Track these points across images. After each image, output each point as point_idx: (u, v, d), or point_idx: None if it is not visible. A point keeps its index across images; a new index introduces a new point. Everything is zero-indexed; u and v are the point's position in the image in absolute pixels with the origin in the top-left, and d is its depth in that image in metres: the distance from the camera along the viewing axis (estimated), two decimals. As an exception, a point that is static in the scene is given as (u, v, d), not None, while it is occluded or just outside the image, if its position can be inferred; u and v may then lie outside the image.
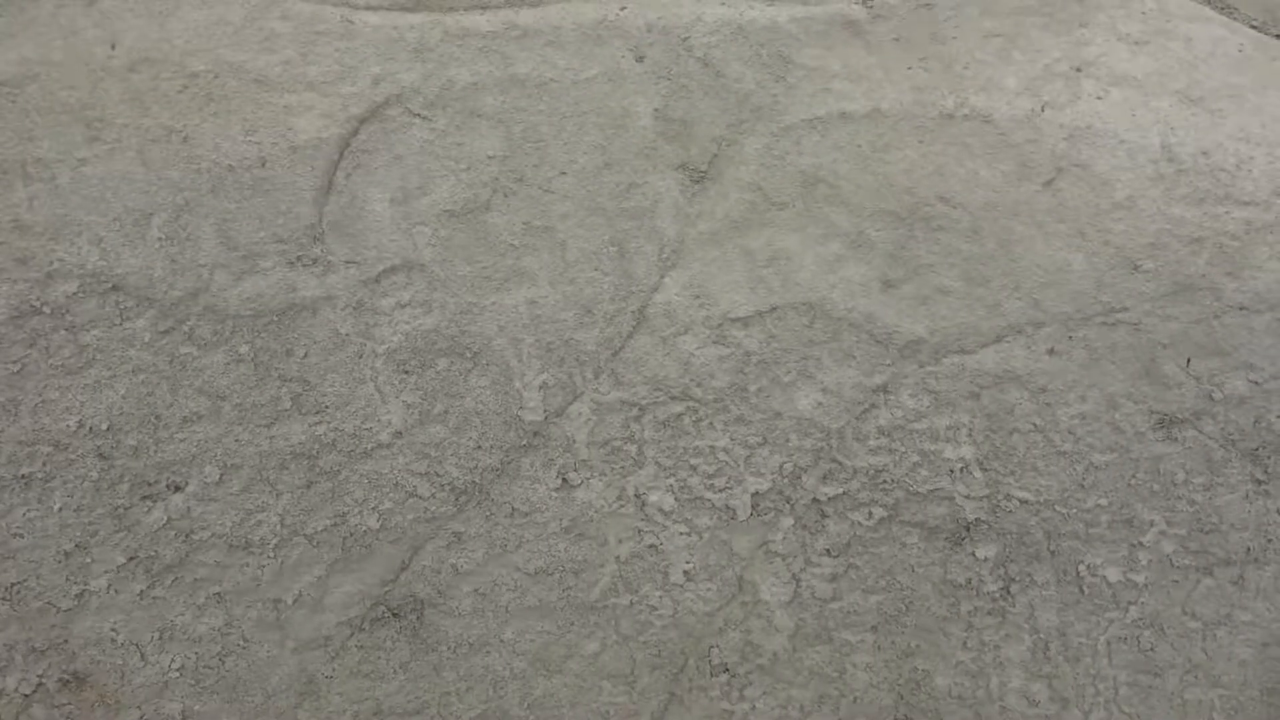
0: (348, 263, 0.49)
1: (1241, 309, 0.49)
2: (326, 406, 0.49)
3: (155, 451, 0.48)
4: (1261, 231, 0.49)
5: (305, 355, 0.49)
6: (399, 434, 0.50)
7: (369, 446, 0.50)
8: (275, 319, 0.49)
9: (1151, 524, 0.52)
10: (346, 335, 0.49)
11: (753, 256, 0.51)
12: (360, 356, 0.50)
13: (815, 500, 0.52)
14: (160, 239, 0.48)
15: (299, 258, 0.49)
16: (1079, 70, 0.53)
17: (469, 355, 0.50)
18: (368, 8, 0.51)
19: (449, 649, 0.52)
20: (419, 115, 0.50)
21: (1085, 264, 0.49)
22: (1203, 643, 0.53)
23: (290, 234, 0.49)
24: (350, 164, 0.49)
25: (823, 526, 0.52)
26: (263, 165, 0.48)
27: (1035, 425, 0.51)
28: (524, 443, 0.51)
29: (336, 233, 0.49)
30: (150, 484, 0.48)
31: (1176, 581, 0.52)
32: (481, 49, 0.51)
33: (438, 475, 0.51)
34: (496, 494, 0.51)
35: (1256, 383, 0.50)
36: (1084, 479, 0.51)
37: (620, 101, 0.51)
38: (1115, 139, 0.50)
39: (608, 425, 0.51)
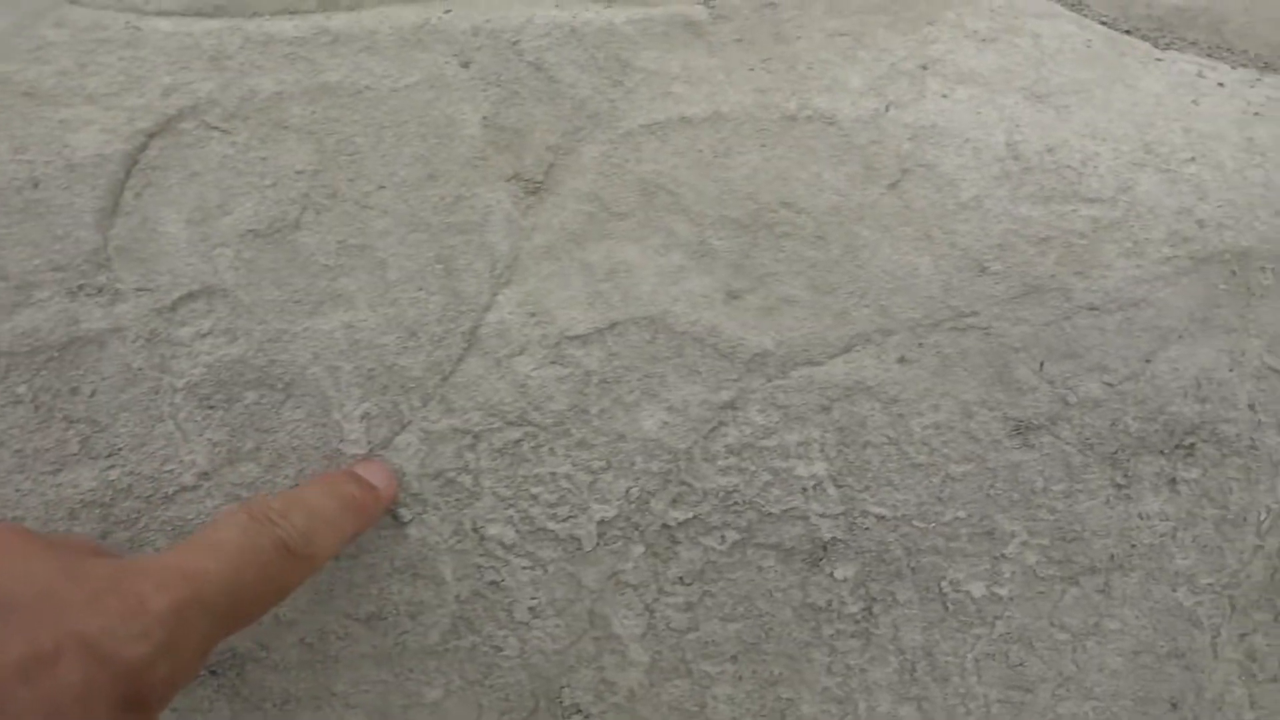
0: (139, 290, 0.45)
1: (1092, 309, 0.48)
2: (120, 449, 0.45)
3: (-76, 506, 0.44)
4: (1109, 229, 0.48)
5: (93, 393, 0.45)
6: (205, 475, 0.46)
7: (171, 490, 0.46)
8: (56, 355, 0.44)
9: (1013, 535, 0.50)
10: (140, 369, 0.45)
11: (591, 270, 0.48)
12: (157, 392, 0.45)
13: (665, 526, 0.49)
14: (-81, 271, 0.43)
15: (81, 286, 0.44)
16: (925, 69, 0.51)
17: (280, 386, 0.46)
18: (158, 13, 0.47)
19: (275, 705, 0.48)
20: (217, 128, 0.46)
21: (932, 267, 0.47)
22: (1073, 654, 0.51)
23: (70, 261, 0.44)
24: (139, 182, 0.45)
25: (674, 553, 0.49)
26: (35, 186, 0.44)
27: (888, 437, 0.48)
28: (348, 478, 0.47)
29: (125, 258, 0.45)
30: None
31: (1042, 593, 0.51)
32: (288, 56, 0.47)
33: (252, 518, 0.46)
34: (319, 535, 0.47)
35: (1110, 384, 0.48)
36: (941, 491, 0.49)
37: (445, 110, 0.48)
38: (960, 138, 0.49)
39: (439, 455, 0.48)
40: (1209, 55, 0.58)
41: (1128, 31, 0.58)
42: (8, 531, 0.30)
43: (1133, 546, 0.51)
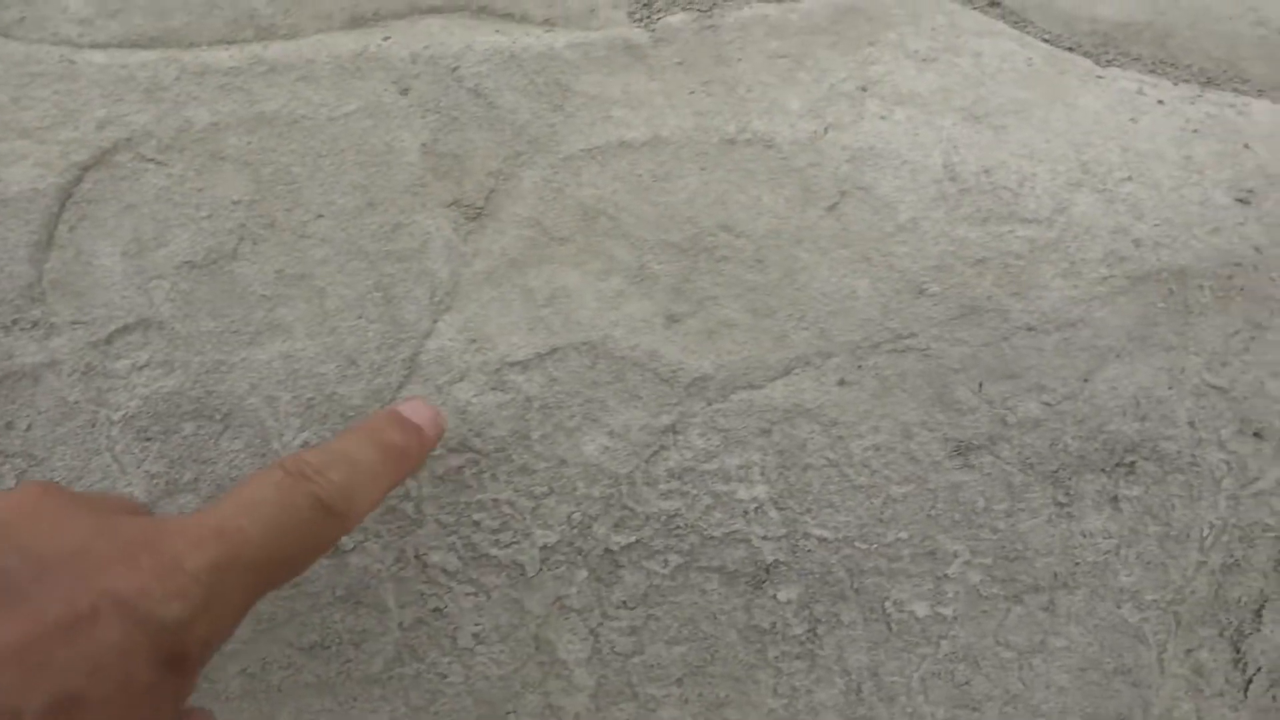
0: (74, 324, 0.45)
1: (1030, 329, 0.48)
2: (57, 482, 0.45)
3: None
4: (1045, 250, 0.48)
5: (29, 428, 0.45)
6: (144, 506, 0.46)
7: (110, 523, 0.46)
8: (-10, 390, 0.45)
9: (955, 554, 0.50)
10: (76, 403, 0.45)
11: (532, 295, 0.48)
12: (94, 425, 0.45)
13: (608, 550, 0.49)
14: None
15: (15, 321, 0.44)
16: (864, 90, 0.51)
17: (219, 417, 0.46)
18: (92, 46, 0.47)
19: (218, 736, 0.48)
20: (153, 160, 0.46)
21: (871, 290, 0.48)
22: (1019, 672, 0.52)
23: (4, 295, 0.44)
24: (74, 216, 0.45)
25: (618, 577, 0.49)
26: (-33, 222, 0.44)
27: (829, 459, 0.49)
28: (288, 507, 0.47)
29: (60, 291, 0.45)
30: None
31: (986, 612, 0.51)
32: (223, 87, 0.47)
33: (192, 549, 0.46)
34: (260, 565, 0.47)
35: (1049, 404, 0.48)
36: (882, 513, 0.49)
37: (383, 137, 0.48)
38: (898, 159, 0.49)
39: (381, 483, 0.48)
40: (1152, 71, 0.58)
41: (1070, 49, 0.58)
42: (40, 491, 0.29)
43: (1076, 564, 0.51)
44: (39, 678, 0.23)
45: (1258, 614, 0.53)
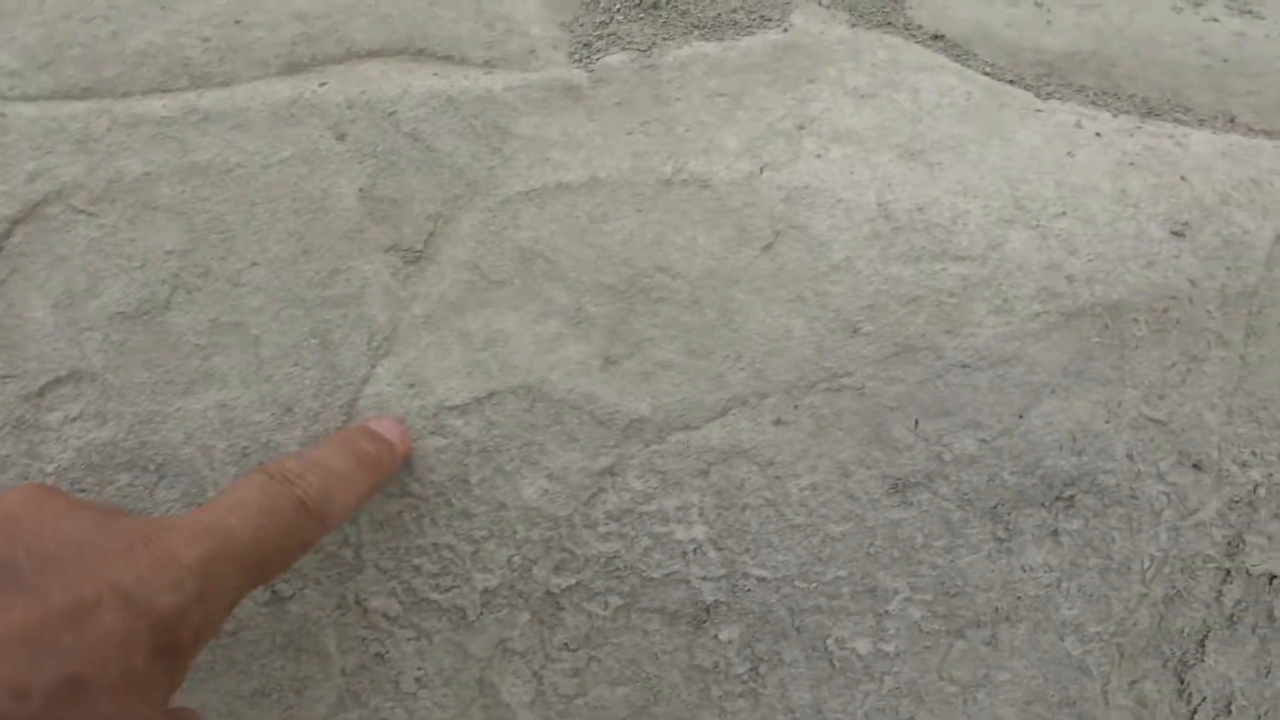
0: (4, 377, 0.45)
1: (964, 367, 0.48)
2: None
3: None
4: (978, 287, 0.48)
5: (-40, 482, 0.45)
6: (79, 559, 0.46)
7: (44, 575, 0.46)
8: (-79, 446, 0.45)
9: (896, 591, 0.50)
10: (7, 456, 0.45)
11: (470, 339, 0.48)
12: (26, 478, 0.45)
13: (549, 593, 0.49)
14: None
15: (-55, 377, 0.45)
16: (801, 128, 0.52)
17: (153, 468, 0.46)
18: (23, 98, 0.47)
19: (159, 785, 0.48)
20: (84, 211, 0.46)
21: (806, 329, 0.48)
22: (963, 706, 0.52)
23: (-67, 351, 0.45)
24: (4, 269, 0.45)
25: (560, 619, 0.50)
26: (-106, 279, 0.44)
27: (767, 499, 0.49)
28: (226, 556, 0.47)
29: (-10, 346, 0.45)
30: None
31: (928, 647, 0.51)
32: (156, 137, 0.47)
33: (129, 599, 0.46)
34: (199, 614, 0.47)
35: (985, 440, 0.49)
36: (821, 551, 0.49)
37: (319, 184, 0.48)
38: (833, 198, 0.49)
39: (319, 530, 0.48)
40: (1093, 103, 0.58)
41: (1011, 81, 0.58)
42: (42, 491, 0.31)
43: (1018, 598, 0.51)
44: (46, 659, 0.25)
45: (1201, 644, 0.53)
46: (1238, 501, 0.52)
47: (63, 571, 0.26)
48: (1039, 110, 0.56)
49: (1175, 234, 0.51)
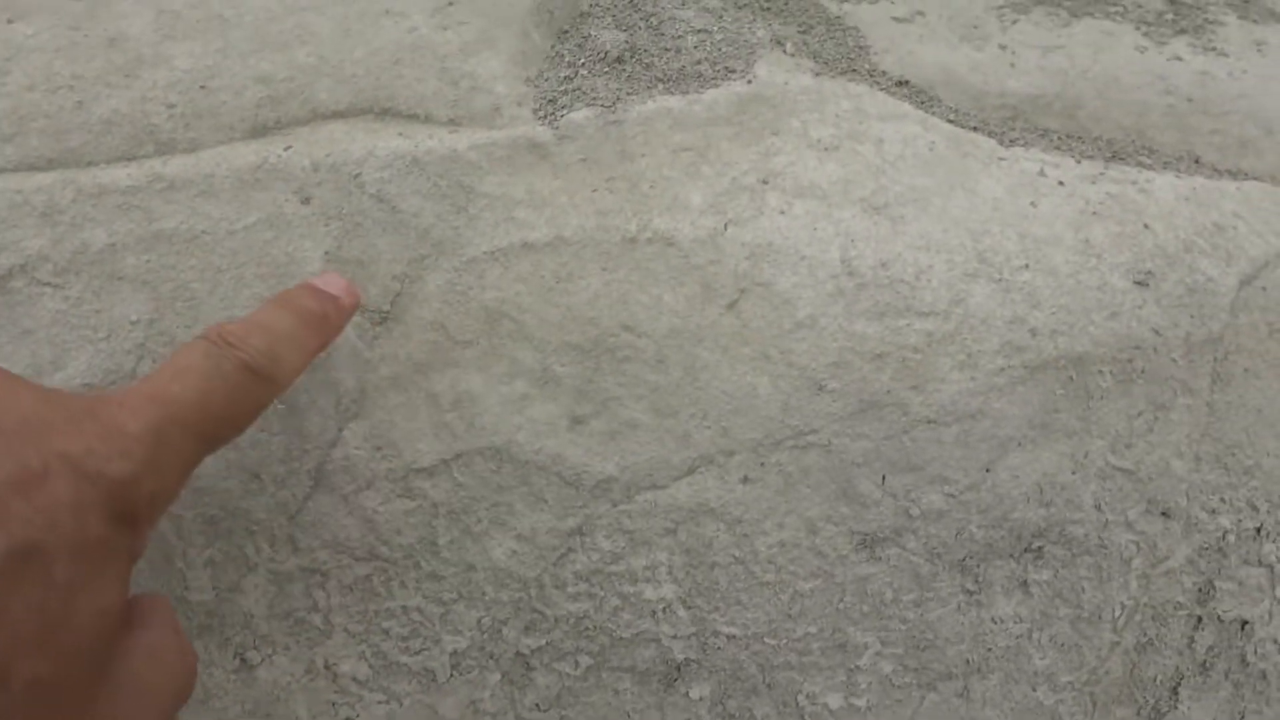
0: (-30, 453, 0.45)
1: (930, 422, 0.48)
2: None
3: None
4: (943, 342, 0.48)
5: (-73, 558, 0.45)
6: (47, 631, 0.46)
7: (12, 649, 0.46)
8: (-114, 523, 0.44)
9: (866, 646, 0.50)
10: (-26, 532, 0.45)
11: (437, 400, 0.49)
12: (-7, 553, 0.45)
13: (519, 654, 0.49)
14: None
15: (-90, 453, 0.45)
16: (765, 183, 0.52)
17: (120, 538, 0.46)
18: (-13, 172, 0.47)
19: None
20: (49, 284, 0.46)
21: (771, 387, 0.48)
22: (937, 758, 0.52)
23: (-103, 429, 0.45)
24: (-31, 344, 0.45)
25: (530, 680, 0.50)
26: None
27: (735, 557, 0.49)
28: (195, 625, 0.47)
29: (-45, 421, 0.45)
30: None
31: (900, 701, 0.51)
32: (121, 206, 0.48)
33: (97, 670, 0.46)
34: (168, 682, 0.47)
35: (953, 495, 0.49)
36: (791, 608, 0.49)
37: (285, 248, 0.48)
38: (797, 255, 0.49)
39: (288, 596, 0.48)
40: (1057, 148, 0.59)
41: (975, 128, 0.59)
42: None
43: (989, 650, 0.51)
44: None
45: (1174, 692, 0.53)
46: (1207, 548, 0.52)
47: (8, 444, 0.26)
48: (1002, 159, 0.56)
49: (1139, 283, 0.51)
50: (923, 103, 0.59)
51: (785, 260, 0.49)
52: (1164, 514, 0.51)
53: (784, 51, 0.60)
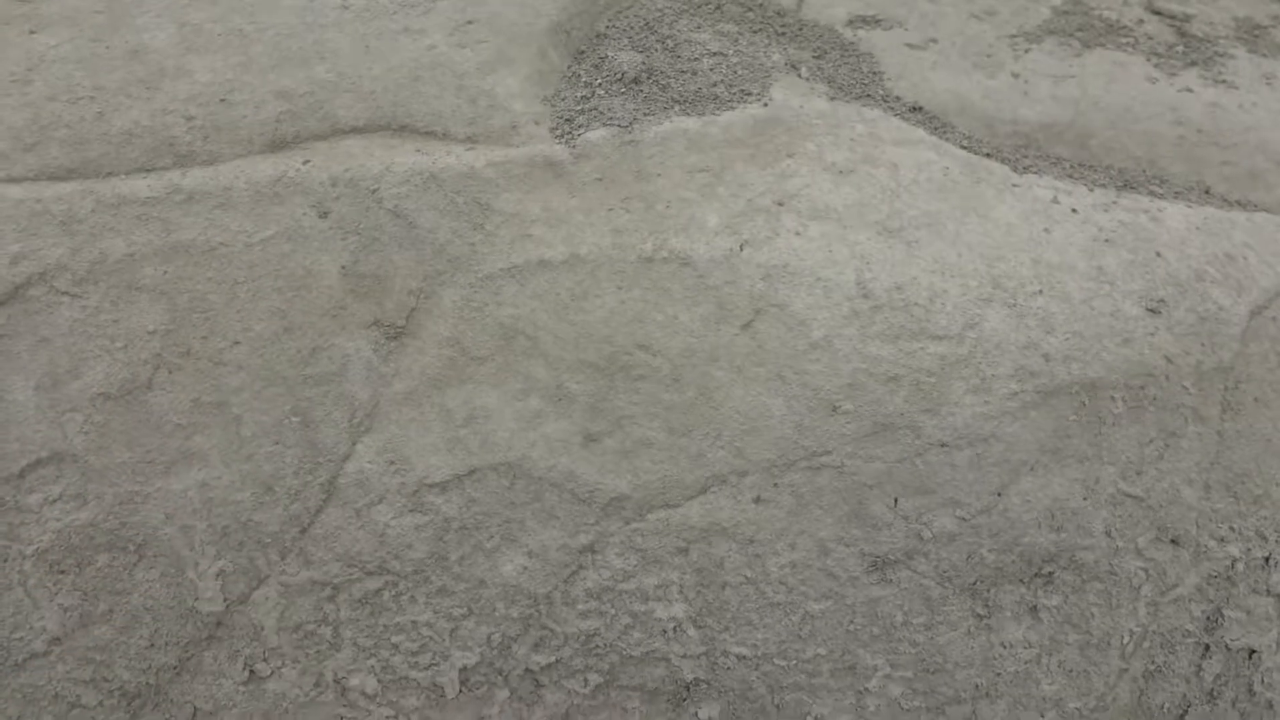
0: (-15, 460, 0.45)
1: (942, 445, 0.48)
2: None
3: None
4: (956, 366, 0.49)
5: (-62, 565, 0.45)
6: (57, 640, 0.46)
7: (21, 658, 0.46)
8: (-101, 529, 0.44)
9: (875, 669, 0.50)
10: (-14, 539, 0.45)
11: (451, 416, 0.49)
12: (5, 560, 0.45)
13: (528, 670, 0.49)
14: None
15: (-76, 460, 0.45)
16: (781, 205, 0.52)
17: (133, 548, 0.46)
18: (7, 180, 0.47)
19: None
20: (68, 293, 0.46)
21: (785, 408, 0.48)
22: (945, 783, 0.52)
23: (-87, 435, 0.45)
24: (-13, 352, 0.45)
25: (539, 697, 0.49)
26: (-124, 363, 0.44)
27: (746, 577, 0.49)
28: (205, 635, 0.47)
29: (-29, 428, 0.45)
30: None
31: (909, 725, 0.51)
32: (140, 217, 0.48)
33: (105, 680, 0.46)
34: (176, 694, 0.47)
35: (964, 519, 0.49)
36: (800, 629, 0.49)
37: (302, 261, 0.49)
38: (812, 277, 0.50)
39: (298, 608, 0.48)
40: (1069, 176, 0.59)
41: (988, 154, 0.59)
42: None
43: (998, 675, 0.51)
44: None
45: (1181, 719, 0.53)
46: (1216, 576, 0.52)
47: None
48: (1015, 185, 0.56)
49: (1151, 311, 0.51)
50: (936, 129, 0.60)
51: (800, 282, 0.50)
52: (1173, 541, 0.51)
53: (799, 75, 0.61)
